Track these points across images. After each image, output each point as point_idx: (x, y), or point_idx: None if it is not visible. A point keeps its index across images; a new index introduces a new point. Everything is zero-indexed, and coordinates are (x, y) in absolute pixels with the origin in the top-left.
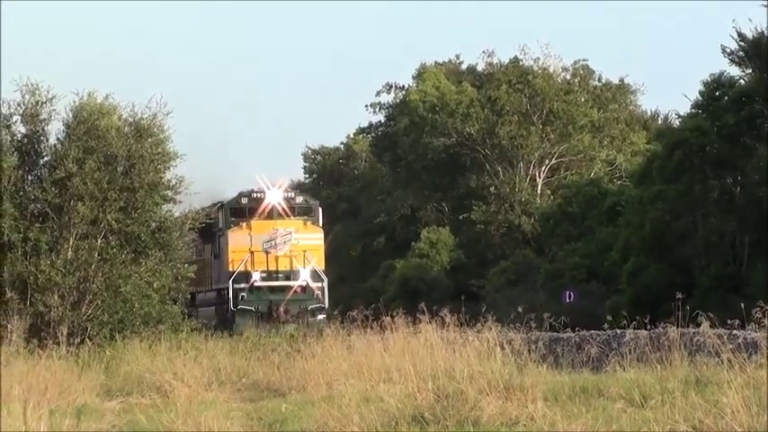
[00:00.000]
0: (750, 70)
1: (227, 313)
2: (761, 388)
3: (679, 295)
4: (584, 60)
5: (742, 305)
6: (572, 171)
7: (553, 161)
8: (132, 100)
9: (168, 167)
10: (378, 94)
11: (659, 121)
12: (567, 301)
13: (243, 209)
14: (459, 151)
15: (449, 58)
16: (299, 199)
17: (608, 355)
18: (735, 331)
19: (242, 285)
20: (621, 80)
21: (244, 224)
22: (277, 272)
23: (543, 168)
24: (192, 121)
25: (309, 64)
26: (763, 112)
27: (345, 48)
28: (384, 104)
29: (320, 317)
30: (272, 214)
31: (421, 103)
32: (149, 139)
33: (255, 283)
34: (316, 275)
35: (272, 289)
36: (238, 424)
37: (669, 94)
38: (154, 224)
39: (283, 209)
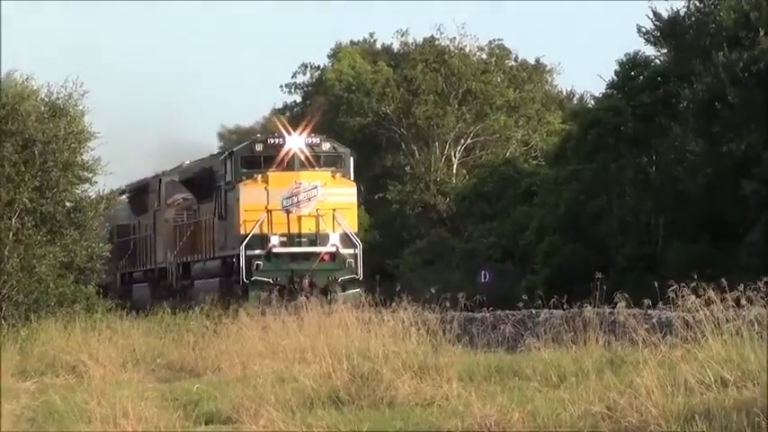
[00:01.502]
0: (666, 50)
1: (238, 286)
2: (675, 368)
3: (598, 275)
4: (499, 40)
5: (656, 285)
6: (487, 151)
7: (469, 141)
8: (49, 80)
9: (84, 147)
10: (294, 75)
11: (574, 101)
12: (483, 280)
13: (257, 158)
14: (375, 131)
15: (363, 37)
16: (326, 145)
17: (523, 335)
18: (650, 311)
19: (256, 252)
20: (537, 60)
21: (259, 177)
22: (300, 235)
23: (459, 148)
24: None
25: (224, 44)
26: (679, 91)
27: (259, 28)
28: (300, 84)
29: (353, 290)
30: (293, 164)
31: (337, 82)
32: (65, 119)
33: (274, 249)
34: (347, 240)
35: (294, 256)
36: (153, 404)
37: (585, 74)
38: (69, 204)
39: (306, 157)
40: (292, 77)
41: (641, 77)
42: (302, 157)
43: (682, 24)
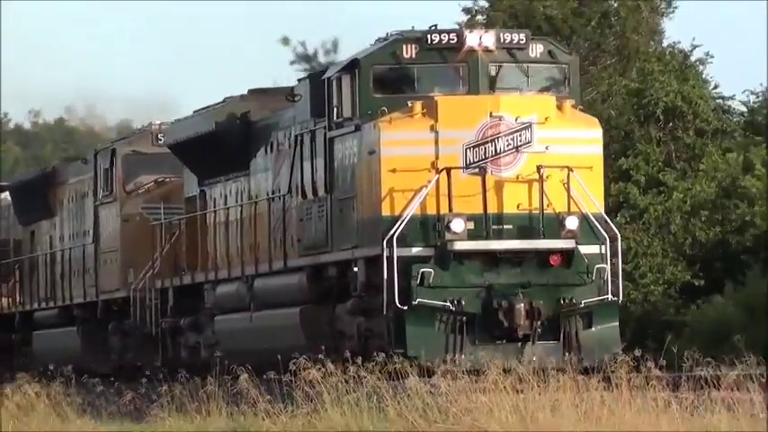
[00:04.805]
0: None
1: (379, 317)
2: None
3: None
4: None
5: (279, 358)
6: None
7: None
8: None
9: None
10: None
11: None
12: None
13: (408, 71)
14: None
15: None
16: (538, 47)
17: (149, 406)
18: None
19: (415, 251)
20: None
21: (417, 106)
22: (501, 217)
23: None
24: None
25: None
26: None
27: None
28: None
29: (607, 326)
30: (478, 81)
31: None
32: None
33: (455, 246)
34: (591, 230)
35: (494, 259)
36: None
37: None
38: None
39: (502, 68)
40: None
41: None
42: (495, 68)
43: None
